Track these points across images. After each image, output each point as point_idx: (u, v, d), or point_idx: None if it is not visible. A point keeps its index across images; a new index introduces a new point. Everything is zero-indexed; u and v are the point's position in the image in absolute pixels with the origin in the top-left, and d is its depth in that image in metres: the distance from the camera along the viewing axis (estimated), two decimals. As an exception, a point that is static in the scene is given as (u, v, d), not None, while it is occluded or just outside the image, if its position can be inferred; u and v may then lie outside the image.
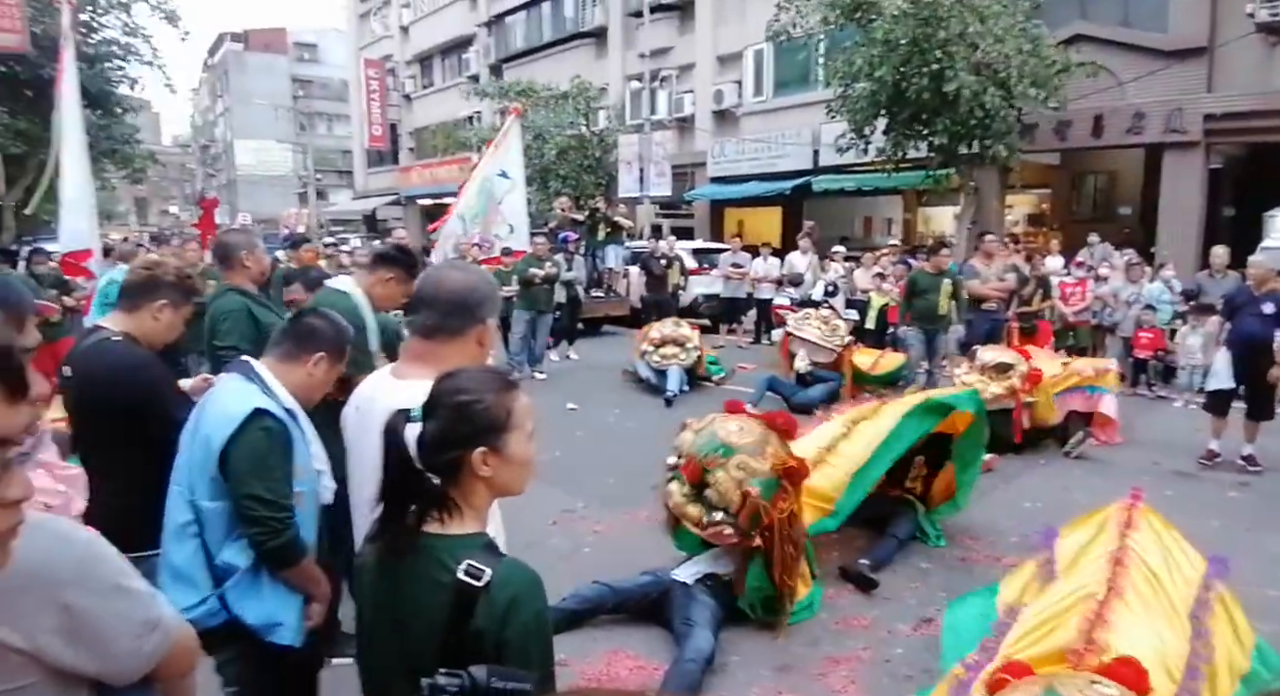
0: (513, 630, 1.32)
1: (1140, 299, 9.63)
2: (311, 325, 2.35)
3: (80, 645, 1.12)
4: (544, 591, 1.40)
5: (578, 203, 15.85)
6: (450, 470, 1.40)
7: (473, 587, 1.32)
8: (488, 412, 1.40)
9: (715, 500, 3.72)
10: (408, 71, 35.20)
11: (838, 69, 13.27)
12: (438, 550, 1.37)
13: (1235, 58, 12.83)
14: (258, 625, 2.14)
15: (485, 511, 1.47)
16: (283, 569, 2.17)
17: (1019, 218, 18.79)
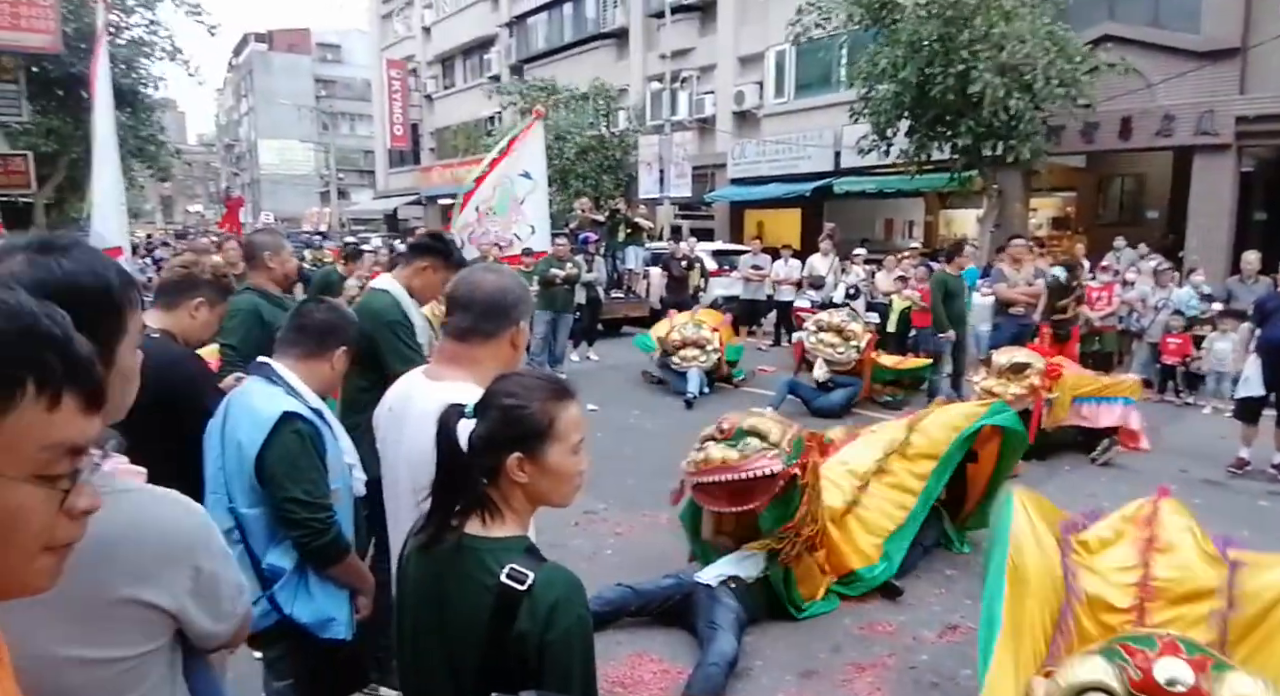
0: (555, 633, 1.32)
1: (1168, 304, 9.50)
2: (328, 321, 2.36)
3: (204, 605, 1.21)
4: (585, 596, 1.40)
5: (598, 203, 15.87)
6: (492, 472, 1.41)
7: (516, 591, 1.33)
8: (529, 419, 1.41)
9: (754, 442, 3.75)
10: (429, 72, 35.37)
11: (861, 70, 13.19)
12: (480, 552, 1.38)
13: (1270, 58, 12.60)
14: (312, 623, 2.19)
15: (528, 516, 1.47)
16: (328, 566, 2.22)
17: (1043, 221, 18.59)
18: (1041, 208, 18.39)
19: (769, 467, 3.67)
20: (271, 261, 3.66)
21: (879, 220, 20.79)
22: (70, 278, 1.12)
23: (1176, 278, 10.22)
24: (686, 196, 19.35)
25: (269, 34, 59.34)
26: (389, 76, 35.06)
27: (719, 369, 9.46)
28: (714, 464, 3.77)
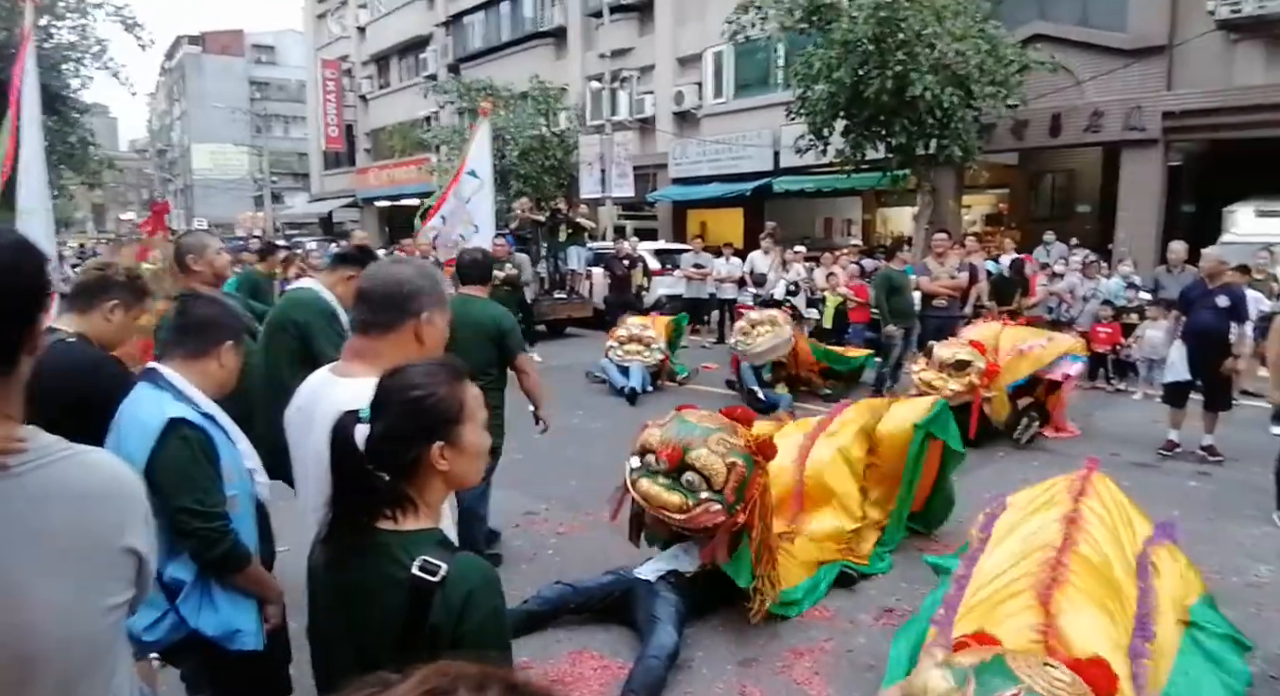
0: (469, 626, 1.30)
1: (1097, 294, 9.78)
2: (206, 315, 2.26)
3: (153, 552, 1.25)
4: (500, 587, 1.37)
5: (539, 204, 15.74)
6: (405, 467, 1.38)
7: (428, 583, 1.30)
8: (441, 406, 1.39)
9: (696, 481, 3.62)
10: (364, 72, 34.83)
11: (796, 71, 13.32)
12: (392, 547, 1.34)
13: (1195, 55, 13.10)
14: (217, 635, 2.12)
15: (440, 506, 1.45)
16: (229, 575, 2.14)
17: (977, 217, 19.05)
18: (975, 204, 18.84)
19: (711, 521, 3.62)
20: (197, 264, 3.59)
21: (818, 218, 21.06)
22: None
23: (1104, 269, 10.53)
24: (629, 196, 19.34)
25: (202, 36, 57.84)
26: (324, 77, 34.41)
27: (661, 370, 9.44)
28: (655, 503, 3.69)
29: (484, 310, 4.24)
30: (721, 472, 3.60)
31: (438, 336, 1.91)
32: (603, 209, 19.03)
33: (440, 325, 1.91)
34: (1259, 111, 12.36)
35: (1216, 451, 6.60)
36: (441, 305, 1.93)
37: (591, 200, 18.49)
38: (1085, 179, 17.06)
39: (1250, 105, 12.42)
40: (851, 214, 20.83)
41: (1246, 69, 12.59)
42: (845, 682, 3.34)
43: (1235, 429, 6.85)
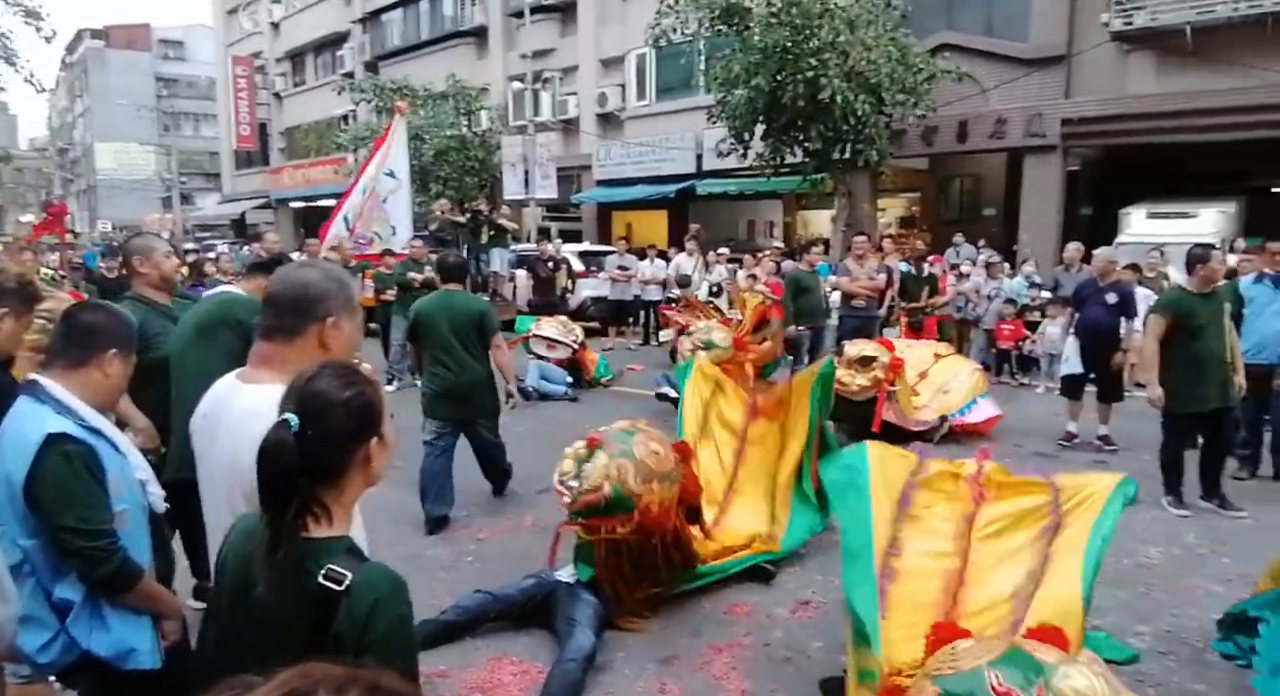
0: (374, 635, 1.28)
1: (1000, 293, 10.21)
2: (89, 322, 2.15)
3: None
4: (408, 595, 1.36)
5: (460, 205, 15.53)
6: (334, 470, 1.38)
7: (333, 592, 1.29)
8: (372, 404, 1.41)
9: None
10: (278, 69, 33.79)
11: (716, 75, 13.51)
12: (300, 554, 1.34)
13: (1091, 65, 13.80)
14: (111, 656, 2.04)
15: (352, 509, 1.45)
16: (119, 594, 2.04)
17: (891, 220, 19.64)
18: (890, 207, 19.42)
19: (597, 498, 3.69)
20: (142, 266, 3.51)
21: (741, 221, 21.38)
22: None
23: (1008, 269, 10.98)
24: (553, 198, 19.25)
25: (105, 30, 55.12)
26: (235, 74, 33.22)
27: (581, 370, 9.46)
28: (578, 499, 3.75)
29: (467, 301, 5.35)
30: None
31: (344, 340, 1.86)
32: (526, 210, 18.90)
33: (347, 329, 1.86)
34: (1150, 119, 13.11)
35: (1112, 441, 6.97)
36: (349, 309, 1.87)
37: (515, 201, 18.35)
38: (991, 183, 17.78)
39: (1142, 113, 13.16)
40: (773, 216, 21.21)
41: (1139, 78, 13.33)
42: (762, 675, 3.40)
43: (1129, 420, 7.23)
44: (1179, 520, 5.29)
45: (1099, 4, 13.14)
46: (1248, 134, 12.59)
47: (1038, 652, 2.14)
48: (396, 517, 5.10)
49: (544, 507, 5.40)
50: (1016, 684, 2.04)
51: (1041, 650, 2.16)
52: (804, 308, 8.68)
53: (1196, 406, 5.38)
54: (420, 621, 3.57)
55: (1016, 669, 2.07)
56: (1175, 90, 12.81)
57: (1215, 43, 12.24)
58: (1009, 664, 2.09)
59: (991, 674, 2.07)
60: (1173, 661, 3.53)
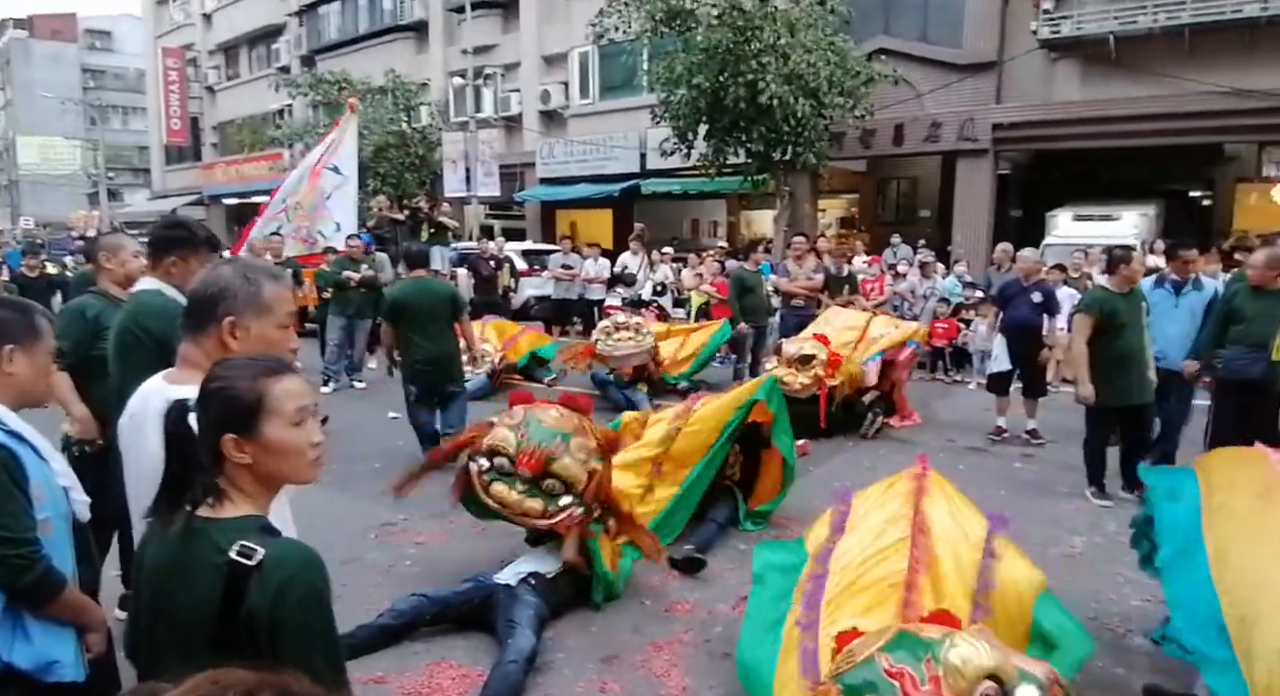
0: (287, 609, 1.29)
1: (935, 293, 10.47)
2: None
3: None
4: (323, 570, 1.36)
5: (399, 202, 15.28)
6: (215, 458, 1.40)
7: (245, 567, 1.30)
8: (236, 398, 1.39)
9: (558, 488, 3.75)
10: (211, 62, 32.77)
11: (660, 75, 13.57)
12: (210, 533, 1.35)
13: (1021, 71, 14.26)
14: (33, 668, 1.94)
15: (264, 498, 1.44)
16: (41, 605, 1.96)
17: (831, 220, 20.00)
18: (829, 208, 19.78)
19: (572, 524, 3.80)
20: (109, 262, 3.56)
21: (686, 220, 21.51)
22: None
23: (941, 269, 11.28)
24: (495, 195, 19.09)
25: (29, 19, 52.71)
26: (165, 66, 32.06)
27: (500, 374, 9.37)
28: (516, 510, 3.80)
29: (438, 285, 6.56)
30: (583, 480, 3.77)
31: (250, 341, 1.81)
32: (468, 208, 18.70)
33: (255, 329, 1.81)
34: (1076, 125, 13.61)
35: (1039, 435, 7.21)
36: (254, 308, 1.82)
37: (456, 199, 18.14)
38: (926, 185, 18.25)
39: (1069, 119, 13.65)
40: (717, 216, 21.39)
41: (1065, 85, 13.81)
42: (703, 671, 3.42)
43: (1056, 414, 7.49)
44: (1101, 510, 5.50)
45: (1028, 13, 13.58)
46: (1165, 140, 13.18)
47: (924, 632, 2.20)
48: (332, 521, 4.99)
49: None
50: (907, 663, 2.09)
51: (928, 629, 2.22)
52: (748, 306, 8.79)
53: (1119, 401, 5.59)
54: (356, 626, 3.51)
55: (905, 650, 2.13)
56: (1099, 97, 13.31)
57: (1137, 53, 12.75)
58: (898, 647, 2.15)
59: (883, 658, 2.12)
60: (1097, 647, 3.65)
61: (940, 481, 3.41)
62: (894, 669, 2.09)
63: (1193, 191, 16.65)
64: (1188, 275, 5.95)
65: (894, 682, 2.06)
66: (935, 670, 2.05)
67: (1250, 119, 12.24)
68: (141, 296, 2.93)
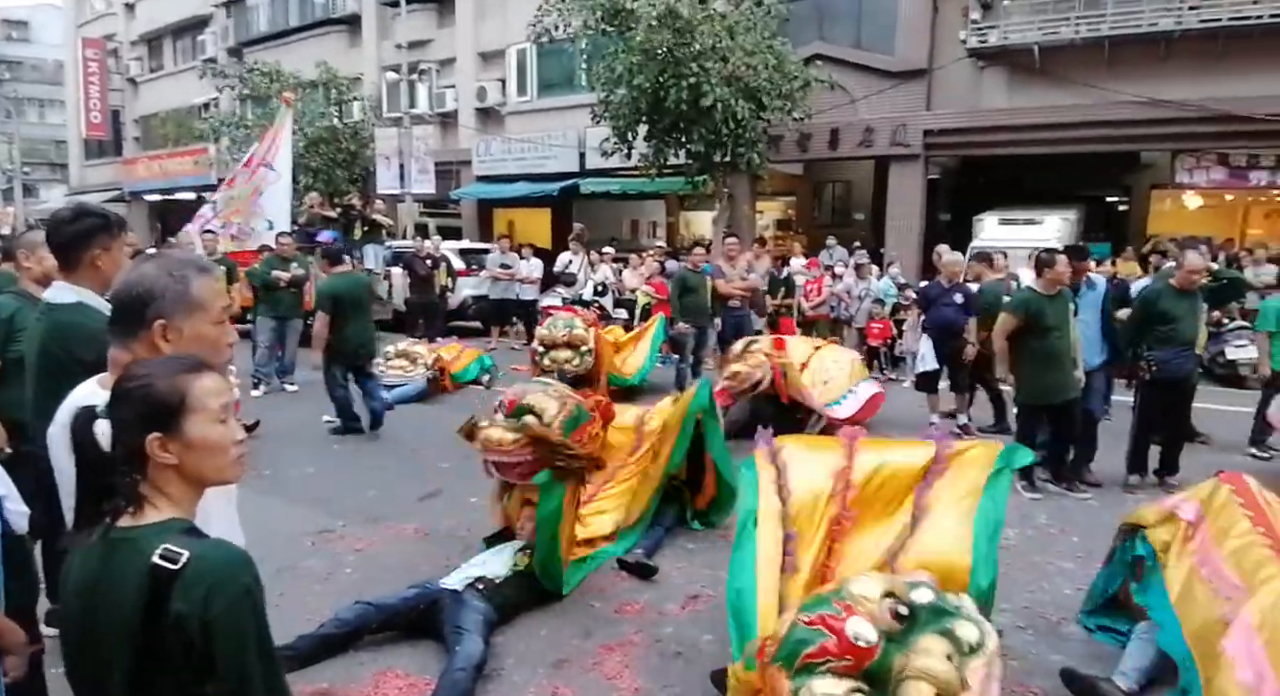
0: (218, 611, 1.26)
1: (870, 294, 10.70)
2: None
3: None
4: (253, 570, 1.32)
5: (331, 199, 14.91)
6: (136, 460, 1.35)
7: (168, 570, 1.26)
8: (158, 395, 1.35)
9: (532, 422, 3.86)
10: (133, 53, 31.50)
11: (599, 74, 13.53)
12: (133, 540, 1.32)
13: (951, 79, 14.67)
14: None
15: (188, 501, 1.40)
16: None
17: (769, 222, 20.26)
18: (767, 210, 20.03)
19: (542, 435, 3.84)
20: (28, 261, 3.45)
21: (625, 220, 21.52)
22: None
23: (876, 270, 11.53)
24: (430, 193, 18.76)
25: (-62, 8, 49.66)
26: (85, 57, 30.68)
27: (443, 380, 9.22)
28: (493, 444, 3.91)
29: (360, 277, 8.02)
30: (554, 407, 3.90)
31: (185, 342, 1.70)
32: (402, 206, 18.33)
33: (189, 328, 1.70)
34: (1002, 132, 14.07)
35: (971, 430, 7.44)
36: (184, 306, 1.71)
37: (389, 196, 17.77)
38: (860, 189, 18.65)
39: (995, 126, 14.11)
40: (657, 216, 21.46)
41: (992, 93, 14.27)
42: (654, 672, 3.41)
43: (986, 409, 7.73)
44: (1032, 503, 5.69)
45: (958, 22, 13.98)
46: (1085, 147, 13.73)
47: (824, 590, 2.54)
48: (267, 528, 4.82)
49: (427, 515, 5.27)
50: (820, 609, 2.37)
51: (825, 588, 2.57)
52: (689, 306, 8.81)
53: (1047, 398, 5.80)
54: (296, 636, 3.40)
55: (816, 604, 2.41)
56: (1023, 105, 13.79)
57: (1059, 63, 13.25)
58: (810, 607, 2.43)
59: (799, 617, 2.38)
60: (1031, 635, 3.78)
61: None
62: (810, 618, 2.35)
63: (1110, 197, 17.40)
64: (1079, 279, 6.19)
65: (815, 627, 2.31)
66: (845, 603, 2.38)
67: (1164, 128, 12.84)
68: (59, 315, 2.56)
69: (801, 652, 2.26)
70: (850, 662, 2.24)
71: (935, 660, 2.28)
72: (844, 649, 2.24)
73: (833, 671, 2.23)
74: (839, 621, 2.29)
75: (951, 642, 2.35)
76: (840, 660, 2.23)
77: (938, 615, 2.42)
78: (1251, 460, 6.49)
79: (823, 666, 2.23)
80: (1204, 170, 13.77)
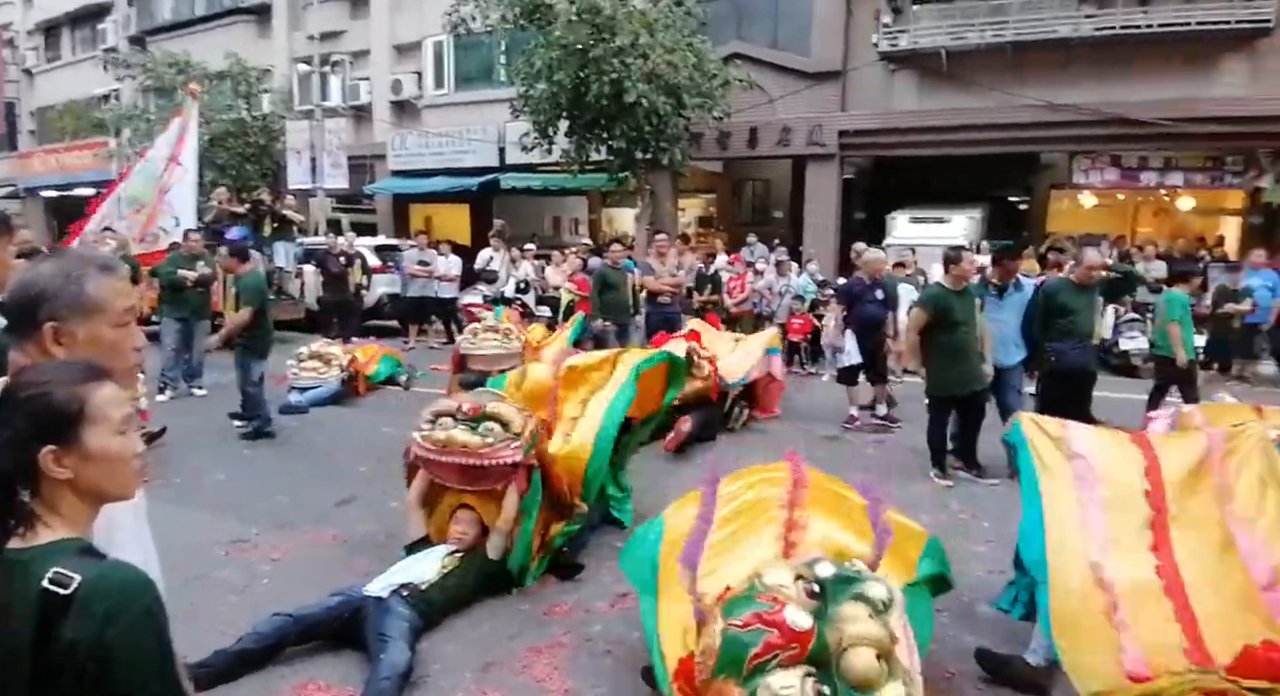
0: (114, 637, 1.17)
1: (790, 290, 10.92)
2: None
3: None
4: (154, 591, 1.24)
5: (239, 195, 14.34)
6: (26, 476, 1.25)
7: (58, 596, 1.17)
8: (55, 405, 1.25)
9: (495, 428, 4.08)
10: (29, 42, 29.67)
11: (519, 69, 13.39)
12: (24, 563, 1.22)
13: (864, 81, 15.04)
14: None
15: (83, 518, 1.30)
16: None
17: (691, 220, 20.42)
18: (689, 207, 20.19)
19: (511, 458, 4.02)
20: None
21: (547, 216, 21.34)
22: None
23: (795, 267, 11.78)
24: (343, 188, 18.23)
25: None
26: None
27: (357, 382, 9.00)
28: (455, 446, 4.01)
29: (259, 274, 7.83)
30: (519, 420, 4.11)
31: (81, 346, 1.59)
32: (314, 201, 17.74)
33: (84, 332, 1.59)
34: (912, 133, 14.53)
35: (889, 420, 7.68)
36: (80, 309, 1.60)
37: (301, 191, 17.19)
38: (779, 187, 18.97)
39: (906, 127, 14.56)
40: (579, 213, 21.36)
41: (903, 96, 14.72)
42: (584, 672, 3.40)
43: (902, 402, 7.99)
44: (944, 489, 5.92)
45: (870, 25, 14.36)
46: (990, 149, 14.30)
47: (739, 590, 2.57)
48: (176, 538, 4.60)
49: (345, 521, 5.13)
50: (750, 609, 2.38)
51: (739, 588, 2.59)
52: (609, 303, 8.83)
53: (955, 390, 6.05)
54: (211, 652, 3.26)
55: (740, 606, 2.44)
56: (932, 108, 14.28)
57: (966, 67, 13.77)
58: (734, 610, 2.44)
59: (728, 624, 2.39)
60: (947, 618, 3.91)
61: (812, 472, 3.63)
62: (743, 620, 2.38)
63: (1012, 197, 18.19)
64: (1009, 279, 6.47)
65: (752, 628, 2.33)
66: (768, 595, 2.44)
67: (1063, 130, 13.49)
68: None
69: (747, 656, 2.26)
70: (797, 650, 2.27)
71: (864, 624, 2.35)
72: (789, 638, 2.27)
73: (781, 664, 2.26)
74: (775, 614, 2.32)
75: (868, 604, 2.43)
76: (787, 650, 2.26)
77: (845, 583, 2.49)
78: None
79: (772, 662, 2.25)
80: (1099, 171, 14.55)
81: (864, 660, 2.28)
